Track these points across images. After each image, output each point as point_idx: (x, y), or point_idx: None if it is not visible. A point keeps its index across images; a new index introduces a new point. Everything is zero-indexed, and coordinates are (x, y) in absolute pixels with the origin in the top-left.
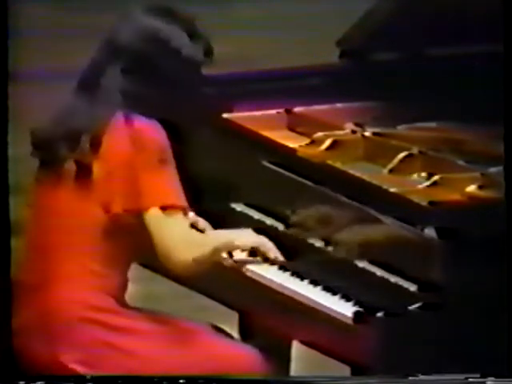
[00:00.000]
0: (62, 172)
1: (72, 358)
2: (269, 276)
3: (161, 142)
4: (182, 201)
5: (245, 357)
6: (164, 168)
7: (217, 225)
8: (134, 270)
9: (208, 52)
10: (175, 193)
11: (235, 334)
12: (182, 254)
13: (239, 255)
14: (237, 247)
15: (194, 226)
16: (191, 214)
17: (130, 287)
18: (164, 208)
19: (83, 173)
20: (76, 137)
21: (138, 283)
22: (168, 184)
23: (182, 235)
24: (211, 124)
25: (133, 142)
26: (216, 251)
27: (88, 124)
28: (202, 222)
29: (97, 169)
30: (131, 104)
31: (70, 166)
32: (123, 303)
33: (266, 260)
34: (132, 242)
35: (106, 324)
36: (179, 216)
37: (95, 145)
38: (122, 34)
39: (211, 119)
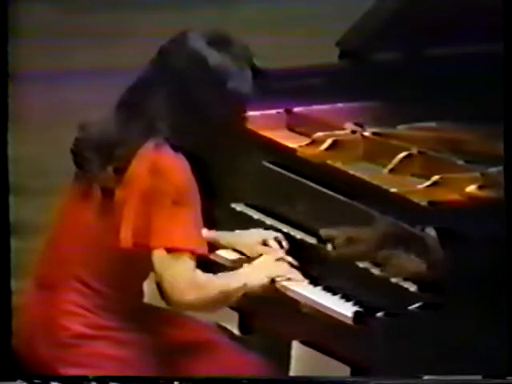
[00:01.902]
0: (89, 186)
1: (68, 372)
2: None
3: (180, 183)
4: (190, 244)
5: (246, 359)
6: (177, 210)
7: (217, 225)
8: None
9: (261, 87)
10: (183, 236)
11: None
12: (185, 296)
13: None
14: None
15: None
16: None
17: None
18: (169, 250)
19: (107, 194)
20: (106, 154)
21: (147, 283)
22: (177, 227)
23: (186, 278)
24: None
25: (152, 174)
26: (227, 296)
27: (120, 144)
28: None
29: (119, 194)
30: (165, 132)
31: (96, 185)
32: (129, 316)
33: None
34: (143, 269)
35: (106, 339)
36: (184, 259)
37: (121, 168)
38: (170, 56)
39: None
